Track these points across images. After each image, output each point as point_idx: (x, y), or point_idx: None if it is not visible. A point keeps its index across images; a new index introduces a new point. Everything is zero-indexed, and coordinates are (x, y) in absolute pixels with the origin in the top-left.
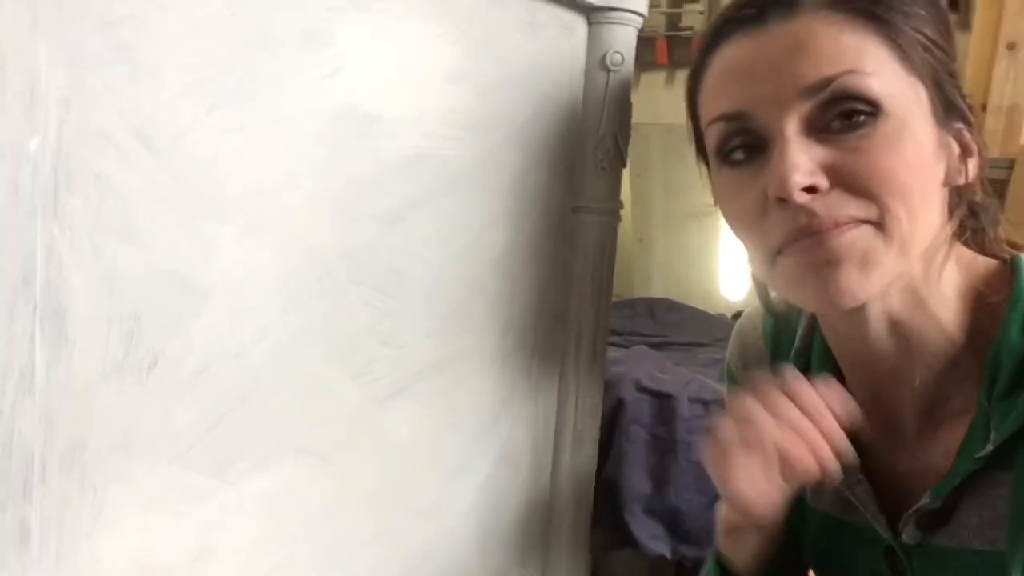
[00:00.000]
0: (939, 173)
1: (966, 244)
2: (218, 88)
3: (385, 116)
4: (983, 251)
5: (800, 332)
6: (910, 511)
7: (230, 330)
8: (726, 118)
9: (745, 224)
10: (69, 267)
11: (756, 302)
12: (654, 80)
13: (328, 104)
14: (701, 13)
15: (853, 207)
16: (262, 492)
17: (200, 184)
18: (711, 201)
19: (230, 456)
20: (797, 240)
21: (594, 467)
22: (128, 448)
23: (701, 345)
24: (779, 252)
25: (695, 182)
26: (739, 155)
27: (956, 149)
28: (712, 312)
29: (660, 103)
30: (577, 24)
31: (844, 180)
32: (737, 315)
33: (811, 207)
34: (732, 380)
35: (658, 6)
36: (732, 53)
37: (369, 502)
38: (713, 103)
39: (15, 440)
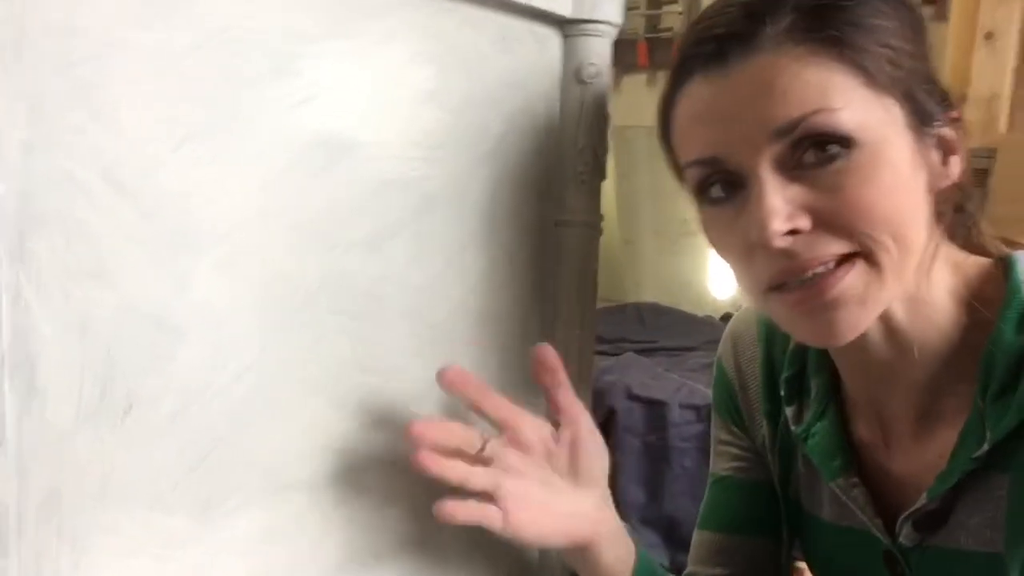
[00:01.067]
0: (920, 184)
1: (955, 239)
2: (186, 123)
3: (358, 141)
4: (971, 246)
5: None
6: (907, 513)
7: (208, 368)
8: (701, 164)
9: (733, 262)
10: (37, 314)
11: (746, 302)
12: (636, 82)
13: (299, 133)
14: (680, 14)
15: (836, 244)
16: (248, 531)
17: (172, 221)
18: (683, 209)
19: (213, 497)
20: (786, 281)
21: None
22: (106, 495)
23: (690, 349)
24: (769, 289)
25: (669, 188)
26: (718, 192)
27: (937, 152)
28: (700, 315)
29: (642, 105)
30: (551, 37)
31: (824, 219)
32: (725, 317)
33: (793, 249)
34: (723, 381)
35: (637, 8)
36: (697, 94)
37: (357, 533)
38: (686, 146)
39: None
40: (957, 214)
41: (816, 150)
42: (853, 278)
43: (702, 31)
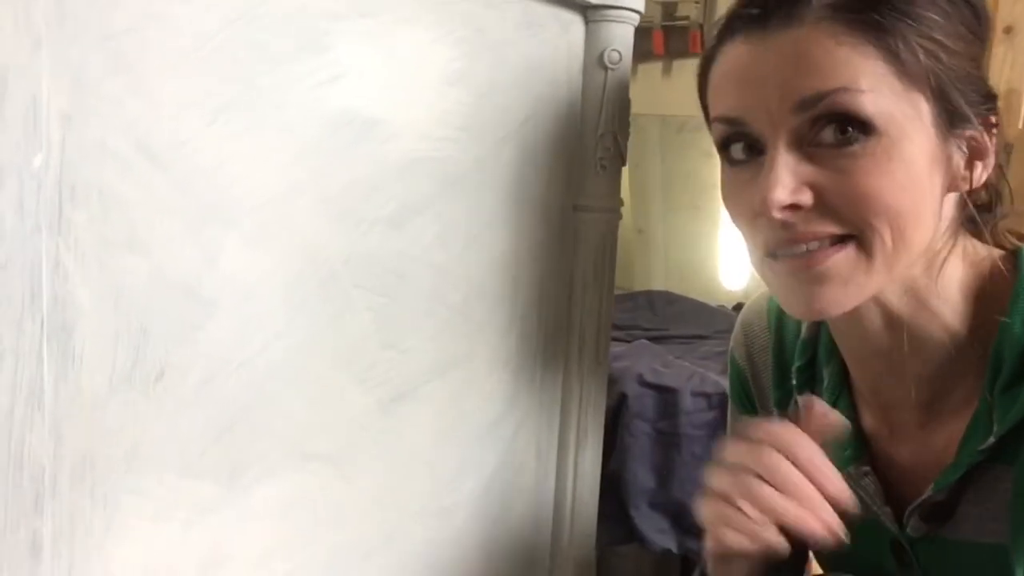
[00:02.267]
0: (936, 185)
1: (977, 234)
2: (218, 98)
3: (384, 120)
4: (994, 240)
5: (807, 324)
6: (914, 504)
7: (236, 339)
8: (726, 121)
9: (741, 223)
10: (75, 282)
11: (758, 291)
12: (651, 70)
13: (327, 110)
14: (697, 3)
15: (832, 225)
16: (271, 499)
17: (203, 194)
18: (709, 192)
19: (238, 464)
20: (782, 250)
21: (599, 466)
22: (137, 460)
23: (702, 338)
24: (768, 256)
25: (693, 172)
26: (739, 154)
27: (962, 155)
28: (713, 304)
29: (658, 93)
30: (574, 23)
31: (827, 199)
32: (738, 307)
33: (790, 222)
34: (735, 370)
35: None
36: (734, 54)
37: (377, 506)
38: (716, 102)
39: (25, 455)
40: (984, 214)
41: (835, 131)
42: (841, 258)
43: None
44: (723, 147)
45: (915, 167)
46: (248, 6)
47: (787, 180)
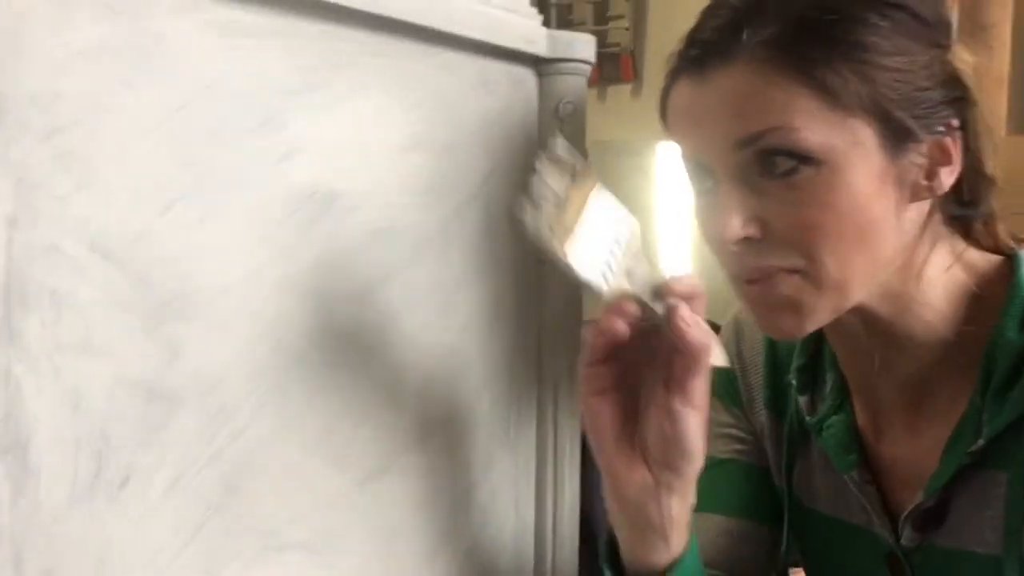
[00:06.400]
0: (890, 202)
1: (975, 235)
2: (172, 186)
3: (345, 192)
4: (986, 243)
5: None
6: (906, 513)
7: (203, 434)
8: (684, 159)
9: (712, 248)
10: (29, 393)
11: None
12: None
13: (286, 188)
14: (627, 29)
15: (778, 257)
16: None
17: (161, 286)
18: (648, 214)
19: (213, 565)
20: (739, 281)
21: (577, 514)
22: (104, 572)
23: None
24: (735, 280)
25: (631, 195)
26: (705, 183)
27: (919, 167)
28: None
29: (593, 120)
30: (527, 78)
31: (773, 231)
32: None
33: (743, 254)
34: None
35: (585, 24)
36: (679, 95)
37: None
38: (676, 142)
39: None
40: (970, 213)
41: (776, 163)
42: (787, 288)
43: (693, 32)
44: (692, 181)
45: (859, 192)
46: (196, 89)
47: (735, 216)
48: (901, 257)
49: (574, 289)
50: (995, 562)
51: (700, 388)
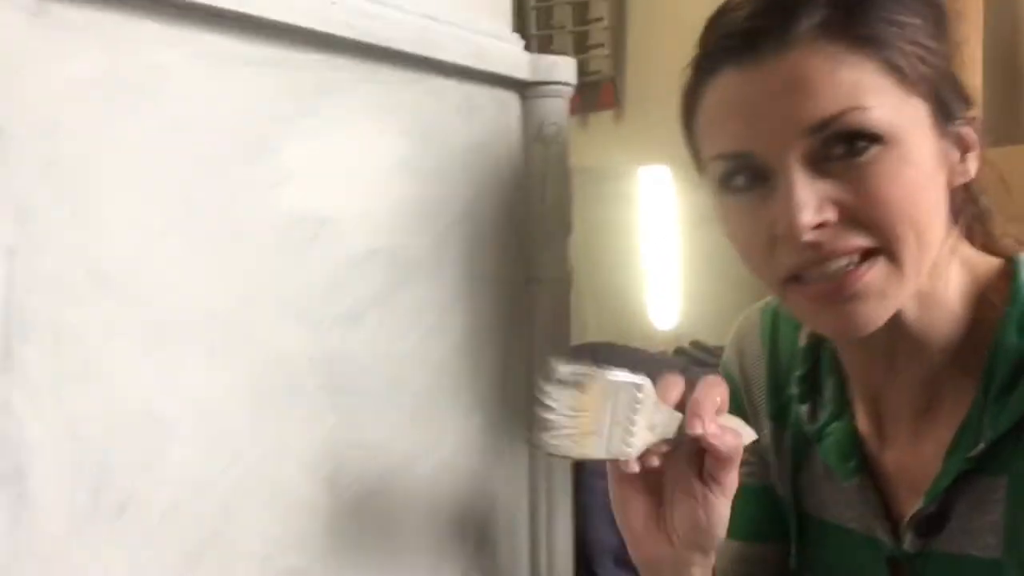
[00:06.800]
0: (941, 182)
1: (971, 238)
2: (167, 214)
3: (335, 217)
4: (987, 246)
5: (806, 330)
6: (908, 518)
7: (200, 459)
8: (730, 156)
9: (753, 254)
10: (28, 421)
11: (689, 330)
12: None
13: (278, 214)
14: (607, 57)
15: (860, 238)
16: None
17: (158, 313)
18: (629, 238)
19: None
20: (810, 272)
21: (571, 534)
22: None
23: None
24: (789, 280)
25: (612, 219)
26: (741, 182)
27: (956, 150)
28: (653, 350)
29: (575, 147)
30: (511, 101)
31: (850, 212)
32: (678, 351)
33: (818, 241)
34: (729, 382)
35: (566, 53)
36: (727, 86)
37: None
38: (713, 139)
39: None
40: (973, 212)
41: (845, 145)
42: (875, 273)
43: (730, 23)
44: (723, 182)
45: (924, 168)
46: (191, 118)
47: (810, 200)
48: (939, 249)
49: (563, 308)
50: (996, 566)
51: (734, 478)
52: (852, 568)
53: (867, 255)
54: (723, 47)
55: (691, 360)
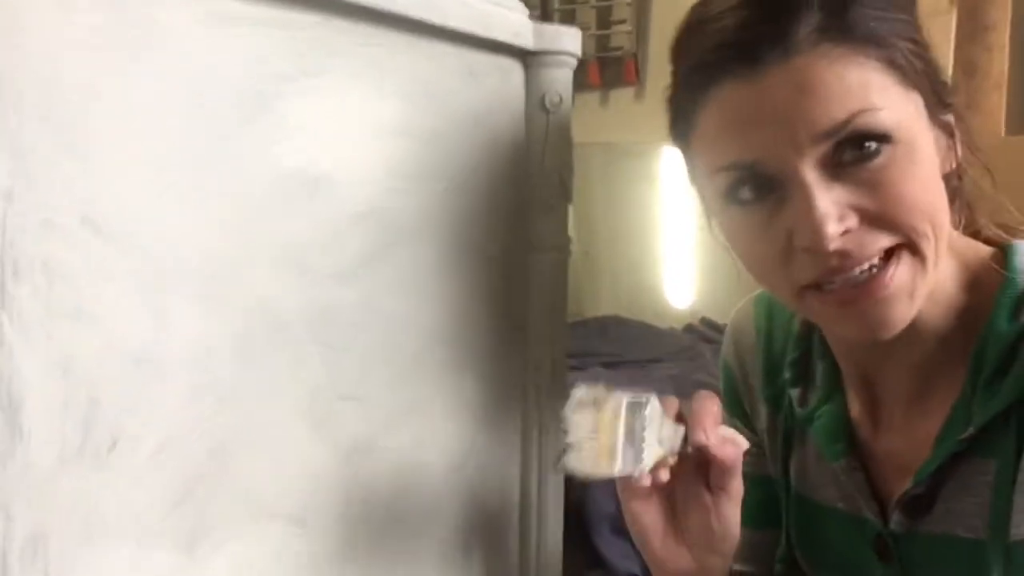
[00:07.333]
0: (939, 174)
1: (956, 226)
2: (164, 165)
3: (332, 175)
4: (974, 234)
5: (800, 318)
6: (896, 498)
7: (190, 401)
8: (738, 167)
9: (765, 265)
10: (21, 356)
11: (704, 308)
12: (588, 100)
13: (276, 168)
14: (629, 33)
15: (883, 239)
16: (235, 563)
17: (151, 259)
18: (651, 214)
19: (199, 531)
20: (835, 278)
21: (562, 498)
22: (92, 534)
23: (655, 361)
24: (808, 287)
25: (636, 196)
26: (748, 194)
27: (945, 138)
28: (663, 326)
29: (596, 122)
30: (514, 69)
31: (871, 216)
32: (688, 328)
33: (844, 248)
34: (727, 376)
35: (588, 29)
36: (729, 99)
37: (344, 560)
38: (717, 152)
39: None
40: (960, 199)
41: (855, 148)
42: (902, 272)
43: (720, 33)
44: (728, 194)
45: (929, 162)
46: (191, 74)
47: (832, 210)
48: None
49: (559, 280)
50: (979, 546)
51: (739, 485)
52: (840, 548)
53: (889, 254)
54: (718, 58)
55: (699, 337)
